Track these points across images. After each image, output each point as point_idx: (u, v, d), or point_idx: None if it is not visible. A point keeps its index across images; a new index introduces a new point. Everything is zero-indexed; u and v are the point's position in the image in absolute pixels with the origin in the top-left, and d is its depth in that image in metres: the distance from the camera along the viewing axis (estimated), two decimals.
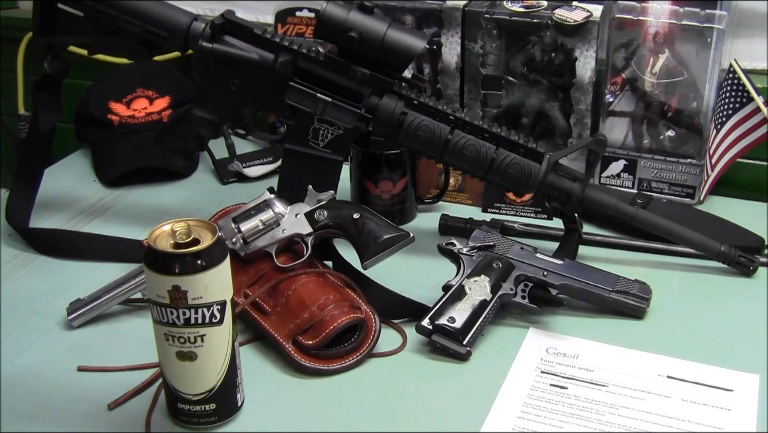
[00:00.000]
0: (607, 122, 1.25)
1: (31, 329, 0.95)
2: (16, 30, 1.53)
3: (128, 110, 1.34)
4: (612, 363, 0.90)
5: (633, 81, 1.22)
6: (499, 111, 1.26)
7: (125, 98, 1.35)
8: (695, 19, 1.16)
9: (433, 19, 1.24)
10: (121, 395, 0.84)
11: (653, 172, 1.24)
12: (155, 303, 0.74)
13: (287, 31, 1.35)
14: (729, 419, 0.82)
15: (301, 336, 0.89)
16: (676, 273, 1.07)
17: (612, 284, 0.97)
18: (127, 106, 1.34)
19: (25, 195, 1.16)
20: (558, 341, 0.93)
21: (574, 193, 1.02)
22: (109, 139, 1.32)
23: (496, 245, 0.99)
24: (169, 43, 1.04)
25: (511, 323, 0.97)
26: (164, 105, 1.35)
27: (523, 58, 1.22)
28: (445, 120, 1.02)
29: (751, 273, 1.05)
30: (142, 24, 1.03)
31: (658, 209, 1.13)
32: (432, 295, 0.96)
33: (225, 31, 1.02)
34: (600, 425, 0.81)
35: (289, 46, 1.01)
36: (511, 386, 0.87)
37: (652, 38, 1.19)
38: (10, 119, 1.60)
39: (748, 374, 0.88)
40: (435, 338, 0.91)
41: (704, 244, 1.05)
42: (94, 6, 1.04)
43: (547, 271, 0.97)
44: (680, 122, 1.22)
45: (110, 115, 1.33)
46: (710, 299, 1.02)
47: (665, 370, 0.89)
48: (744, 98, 1.16)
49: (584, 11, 1.17)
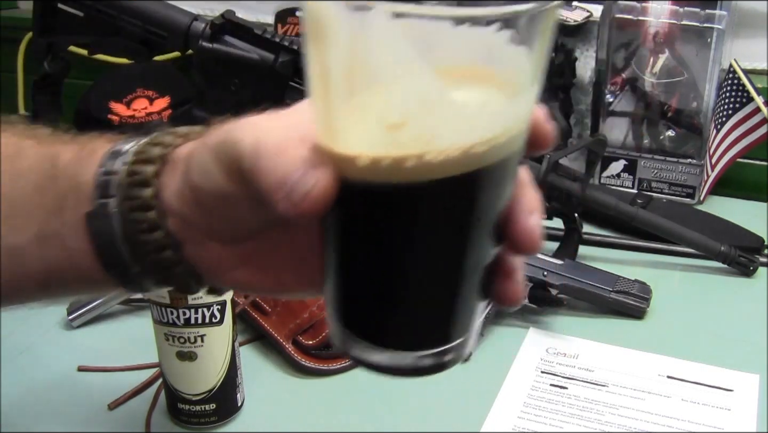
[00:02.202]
0: (607, 122, 1.25)
1: (31, 328, 0.95)
2: (16, 30, 1.53)
3: (128, 110, 1.34)
4: (612, 363, 0.90)
5: (633, 81, 1.22)
6: None
7: (125, 98, 1.34)
8: (695, 19, 1.16)
9: None
10: (121, 395, 0.84)
11: (653, 172, 1.24)
12: (155, 303, 0.74)
13: (287, 31, 1.35)
14: (729, 419, 0.82)
15: (301, 336, 0.89)
16: (676, 273, 1.07)
17: (612, 284, 0.97)
18: (127, 106, 1.34)
19: None
20: (558, 341, 0.93)
21: (574, 193, 1.02)
22: None
23: None
24: (169, 43, 1.04)
25: (511, 323, 0.97)
26: (164, 105, 1.35)
27: None
28: None
29: (751, 273, 1.05)
30: (142, 24, 1.03)
31: (658, 209, 1.13)
32: None
33: (225, 31, 1.02)
34: (600, 425, 0.81)
35: (289, 46, 1.00)
36: (511, 386, 0.87)
37: (652, 38, 1.19)
38: None
39: (748, 374, 0.88)
40: None
41: (704, 244, 1.05)
42: (94, 6, 1.04)
43: (547, 271, 0.97)
44: (680, 122, 1.22)
45: (110, 115, 1.33)
46: (710, 299, 1.02)
47: (665, 370, 0.89)
48: (744, 98, 1.16)
49: (584, 11, 1.17)
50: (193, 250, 0.45)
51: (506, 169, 0.37)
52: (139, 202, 0.44)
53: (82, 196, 0.46)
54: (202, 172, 0.42)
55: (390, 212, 0.37)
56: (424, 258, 0.38)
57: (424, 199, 0.36)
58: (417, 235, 0.38)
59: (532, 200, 0.40)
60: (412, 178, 0.35)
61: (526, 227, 0.40)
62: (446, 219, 0.37)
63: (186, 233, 0.45)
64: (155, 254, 0.45)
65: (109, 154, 0.46)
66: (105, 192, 0.45)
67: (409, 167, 0.34)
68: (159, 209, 0.44)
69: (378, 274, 0.39)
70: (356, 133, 0.35)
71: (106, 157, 0.46)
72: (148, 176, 0.44)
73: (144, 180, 0.44)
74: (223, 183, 0.41)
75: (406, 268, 0.39)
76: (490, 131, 0.35)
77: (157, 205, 0.44)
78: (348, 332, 0.41)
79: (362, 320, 0.41)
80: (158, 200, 0.44)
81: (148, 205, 0.44)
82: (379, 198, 0.36)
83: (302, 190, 0.36)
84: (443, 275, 0.39)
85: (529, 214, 0.40)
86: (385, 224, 0.37)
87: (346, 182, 0.37)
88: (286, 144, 0.38)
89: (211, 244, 0.45)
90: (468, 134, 0.34)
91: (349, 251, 0.39)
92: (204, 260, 0.45)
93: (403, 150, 0.34)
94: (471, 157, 0.35)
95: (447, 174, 0.35)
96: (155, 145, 0.46)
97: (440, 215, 0.37)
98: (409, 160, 0.34)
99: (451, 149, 0.34)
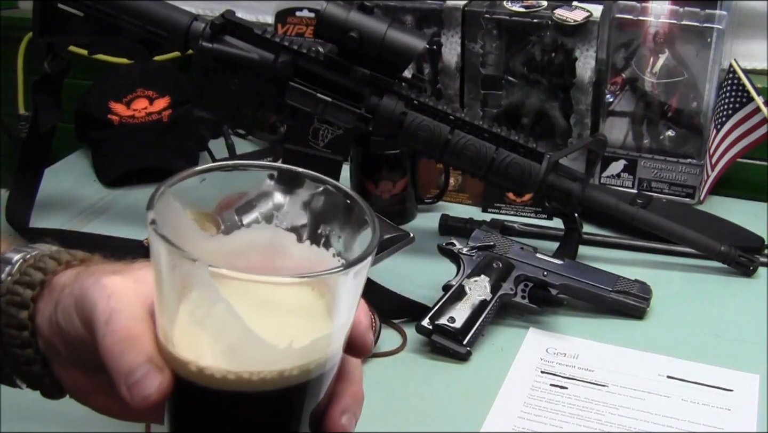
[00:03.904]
0: (607, 122, 1.25)
1: None
2: (16, 30, 1.53)
3: (128, 110, 1.34)
4: (612, 363, 0.90)
5: (633, 81, 1.22)
6: (499, 111, 1.26)
7: (125, 98, 1.34)
8: (695, 19, 1.16)
9: (433, 19, 1.24)
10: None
11: (653, 172, 1.24)
12: None
13: (287, 31, 1.35)
14: (729, 419, 0.82)
15: None
16: (676, 273, 1.07)
17: (612, 284, 0.97)
18: (127, 106, 1.34)
19: (25, 195, 1.15)
20: (558, 341, 0.93)
21: (574, 193, 1.02)
22: (109, 139, 1.32)
23: (496, 245, 0.99)
24: (169, 43, 1.04)
25: (511, 323, 0.97)
26: (164, 105, 1.35)
27: (523, 58, 1.22)
28: (445, 120, 1.01)
29: (751, 273, 1.05)
30: (142, 24, 1.03)
31: (658, 209, 1.13)
32: (432, 295, 0.96)
33: (225, 31, 1.02)
34: (600, 425, 0.81)
35: (289, 46, 1.00)
36: (511, 386, 0.87)
37: (652, 38, 1.19)
38: (10, 119, 1.60)
39: (748, 374, 0.88)
40: (435, 338, 0.91)
41: (704, 244, 1.05)
42: (94, 6, 1.04)
43: (547, 271, 0.97)
44: (680, 122, 1.22)
45: (110, 115, 1.33)
46: (710, 299, 1.02)
47: (665, 370, 0.89)
48: (744, 98, 1.16)
49: (584, 11, 1.17)
50: (58, 370, 0.50)
51: (314, 386, 0.45)
52: (15, 321, 0.49)
53: None
54: (65, 315, 0.47)
55: (208, 413, 0.44)
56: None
57: (244, 406, 0.44)
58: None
59: (350, 401, 0.47)
60: (234, 388, 0.42)
61: (336, 427, 0.47)
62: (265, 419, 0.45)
63: (52, 354, 0.49)
64: (25, 366, 0.50)
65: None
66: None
67: (230, 380, 0.42)
68: (32, 330, 0.49)
69: None
70: (189, 344, 0.43)
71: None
72: (27, 300, 0.49)
73: (22, 302, 0.49)
74: (81, 331, 0.46)
75: None
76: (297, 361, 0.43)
77: (29, 327, 0.49)
78: None
79: None
80: (32, 322, 0.49)
81: (23, 325, 0.49)
82: (200, 397, 0.44)
83: (143, 393, 0.42)
84: None
85: (342, 415, 0.47)
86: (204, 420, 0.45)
87: (179, 378, 0.43)
88: (135, 329, 0.44)
89: (73, 369, 0.50)
90: (278, 364, 0.42)
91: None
92: (67, 380, 0.50)
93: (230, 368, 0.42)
94: (285, 379, 0.43)
95: (263, 388, 0.43)
96: (38, 270, 0.50)
97: (258, 418, 0.45)
98: (230, 375, 0.42)
99: (266, 373, 0.42)
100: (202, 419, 0.45)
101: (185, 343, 0.43)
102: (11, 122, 1.60)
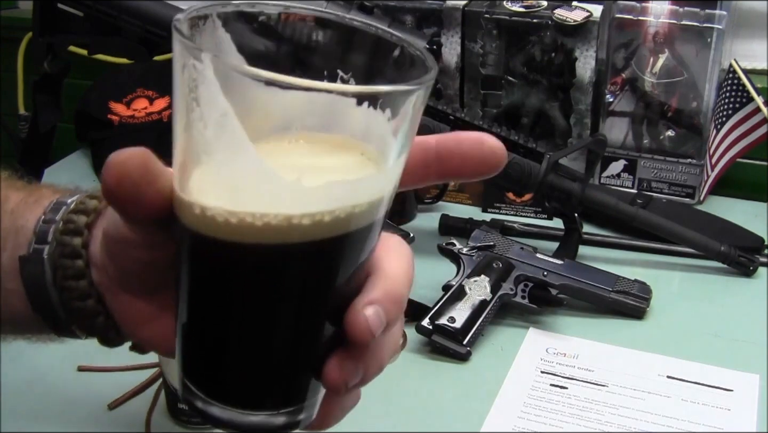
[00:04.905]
0: (607, 122, 1.25)
1: None
2: (16, 30, 1.53)
3: (128, 110, 1.34)
4: (612, 363, 0.90)
5: (633, 81, 1.22)
6: (499, 111, 1.26)
7: (125, 98, 1.34)
8: (695, 19, 1.16)
9: (433, 19, 1.24)
10: (121, 395, 0.84)
11: (653, 172, 1.24)
12: None
13: None
14: (729, 419, 0.82)
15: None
16: (676, 273, 1.07)
17: (612, 284, 0.97)
18: (127, 106, 1.34)
19: None
20: (558, 341, 0.93)
21: (574, 193, 1.02)
22: (109, 139, 1.32)
23: (496, 245, 0.99)
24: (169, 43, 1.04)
25: (511, 323, 0.97)
26: (164, 105, 1.35)
27: (523, 58, 1.22)
28: (445, 120, 1.01)
29: (751, 273, 1.05)
30: (142, 24, 1.03)
31: (658, 209, 1.13)
32: (432, 295, 0.96)
33: None
34: (600, 425, 0.81)
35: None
36: (511, 386, 0.87)
37: (652, 38, 1.19)
38: (10, 119, 1.59)
39: (748, 374, 0.88)
40: (435, 338, 0.91)
41: (704, 244, 1.05)
42: (94, 6, 1.04)
43: (547, 271, 0.97)
44: (680, 122, 1.22)
45: (110, 115, 1.33)
46: (710, 299, 1.02)
47: (665, 370, 0.89)
48: (744, 98, 1.16)
49: (584, 11, 1.17)
50: (111, 301, 0.47)
51: (338, 250, 0.37)
52: (69, 250, 0.47)
53: (20, 240, 0.48)
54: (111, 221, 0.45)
55: (217, 268, 0.38)
56: (249, 320, 0.39)
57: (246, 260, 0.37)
58: (237, 296, 0.38)
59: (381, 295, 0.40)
60: (238, 238, 0.35)
61: (356, 319, 0.39)
62: (270, 284, 0.37)
63: (104, 283, 0.47)
64: (79, 302, 0.47)
65: (53, 204, 0.49)
66: (42, 239, 0.48)
67: (233, 224, 0.35)
68: (86, 259, 0.47)
69: (206, 327, 0.40)
70: (193, 179, 0.36)
71: (49, 207, 0.49)
72: (81, 226, 0.47)
73: (76, 229, 0.47)
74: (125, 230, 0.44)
75: (228, 325, 0.39)
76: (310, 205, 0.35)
77: (84, 255, 0.47)
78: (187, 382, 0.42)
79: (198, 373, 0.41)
80: (87, 250, 0.47)
81: (77, 253, 0.47)
82: (209, 250, 0.37)
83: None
84: (264, 340, 0.39)
85: (367, 306, 0.39)
86: (212, 279, 0.38)
87: (185, 231, 0.37)
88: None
89: (125, 296, 0.47)
90: (284, 206, 0.35)
91: (185, 304, 0.40)
92: (120, 313, 0.47)
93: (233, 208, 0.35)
94: (293, 229, 0.35)
95: (270, 241, 0.35)
96: (93, 198, 0.49)
97: (263, 280, 0.37)
98: (232, 218, 0.35)
99: (271, 217, 0.35)
100: (210, 282, 0.38)
101: (189, 180, 0.37)
102: (11, 122, 1.59)
